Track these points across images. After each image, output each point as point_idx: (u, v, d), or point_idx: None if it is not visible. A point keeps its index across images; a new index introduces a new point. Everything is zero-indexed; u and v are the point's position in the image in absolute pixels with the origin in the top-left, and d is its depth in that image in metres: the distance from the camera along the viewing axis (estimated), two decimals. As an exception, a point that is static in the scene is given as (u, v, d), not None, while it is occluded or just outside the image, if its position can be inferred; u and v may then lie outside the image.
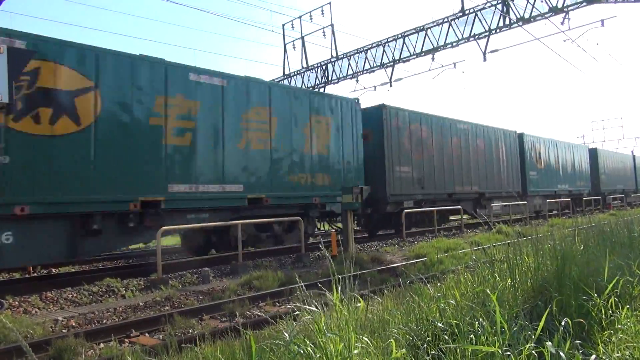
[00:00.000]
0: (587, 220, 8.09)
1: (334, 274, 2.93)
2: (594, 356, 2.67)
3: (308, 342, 2.45)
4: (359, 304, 2.98)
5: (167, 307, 7.07)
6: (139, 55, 10.08)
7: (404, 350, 2.44)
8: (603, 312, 3.28)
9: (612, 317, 3.30)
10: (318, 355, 2.34)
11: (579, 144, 34.25)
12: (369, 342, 2.45)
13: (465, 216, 19.55)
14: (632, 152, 42.60)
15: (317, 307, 2.80)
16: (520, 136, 24.22)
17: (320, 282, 3.83)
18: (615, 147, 49.80)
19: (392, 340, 2.38)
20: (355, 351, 2.35)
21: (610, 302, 3.36)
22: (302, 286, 3.07)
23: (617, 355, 2.86)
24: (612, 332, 3.15)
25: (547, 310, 2.70)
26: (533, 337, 2.51)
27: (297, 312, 2.96)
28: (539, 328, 2.47)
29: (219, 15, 73.98)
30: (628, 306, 3.42)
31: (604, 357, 2.82)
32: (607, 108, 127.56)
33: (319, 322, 2.51)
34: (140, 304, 7.25)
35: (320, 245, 3.54)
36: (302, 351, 2.38)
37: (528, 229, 7.91)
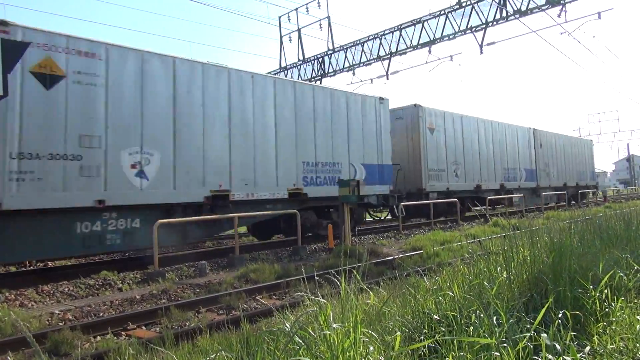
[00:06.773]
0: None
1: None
2: (588, 347, 2.70)
3: (310, 332, 2.42)
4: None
5: (163, 300, 7.07)
6: None
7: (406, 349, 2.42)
8: (598, 304, 3.30)
9: (606, 309, 3.32)
10: (321, 347, 2.32)
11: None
12: (374, 335, 2.42)
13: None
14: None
15: (322, 298, 2.77)
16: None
17: (317, 275, 3.83)
18: (611, 140, 47.94)
19: (398, 334, 2.36)
20: (370, 347, 2.32)
21: (604, 294, 3.38)
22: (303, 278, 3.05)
23: (612, 346, 2.88)
24: (606, 324, 3.18)
25: (547, 304, 2.70)
26: (530, 329, 2.52)
27: (298, 303, 2.95)
28: (537, 321, 2.48)
29: (214, 7, 73.65)
30: (623, 298, 3.45)
31: (598, 349, 2.85)
32: (603, 101, 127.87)
33: (325, 312, 2.48)
34: (137, 296, 7.26)
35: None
36: (304, 343, 2.35)
37: (524, 222, 7.92)
